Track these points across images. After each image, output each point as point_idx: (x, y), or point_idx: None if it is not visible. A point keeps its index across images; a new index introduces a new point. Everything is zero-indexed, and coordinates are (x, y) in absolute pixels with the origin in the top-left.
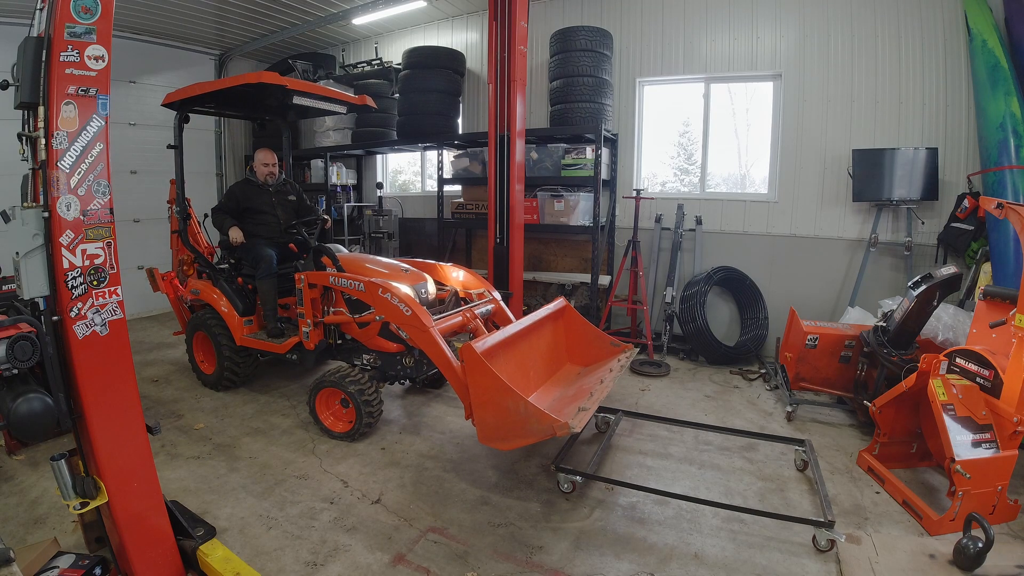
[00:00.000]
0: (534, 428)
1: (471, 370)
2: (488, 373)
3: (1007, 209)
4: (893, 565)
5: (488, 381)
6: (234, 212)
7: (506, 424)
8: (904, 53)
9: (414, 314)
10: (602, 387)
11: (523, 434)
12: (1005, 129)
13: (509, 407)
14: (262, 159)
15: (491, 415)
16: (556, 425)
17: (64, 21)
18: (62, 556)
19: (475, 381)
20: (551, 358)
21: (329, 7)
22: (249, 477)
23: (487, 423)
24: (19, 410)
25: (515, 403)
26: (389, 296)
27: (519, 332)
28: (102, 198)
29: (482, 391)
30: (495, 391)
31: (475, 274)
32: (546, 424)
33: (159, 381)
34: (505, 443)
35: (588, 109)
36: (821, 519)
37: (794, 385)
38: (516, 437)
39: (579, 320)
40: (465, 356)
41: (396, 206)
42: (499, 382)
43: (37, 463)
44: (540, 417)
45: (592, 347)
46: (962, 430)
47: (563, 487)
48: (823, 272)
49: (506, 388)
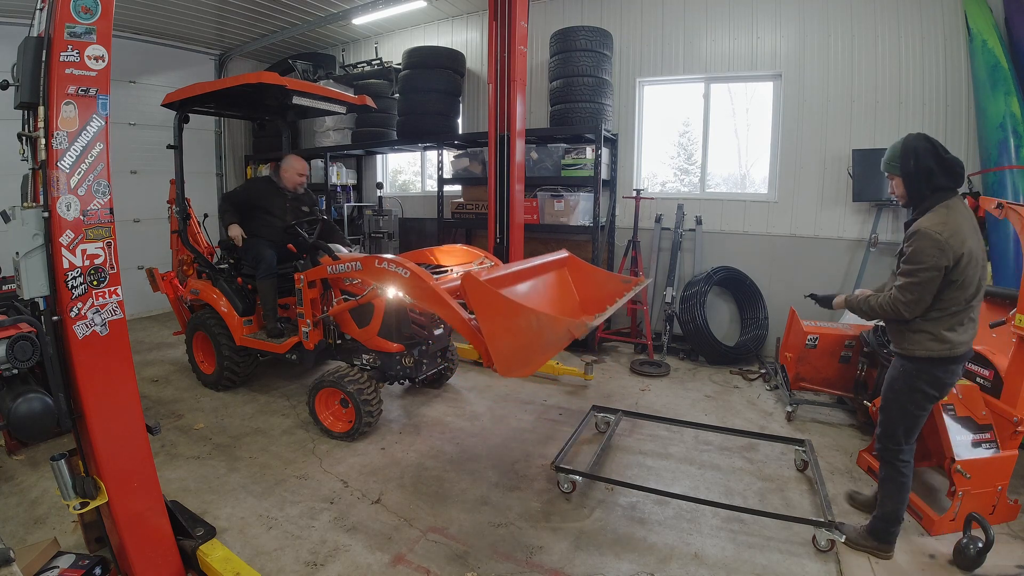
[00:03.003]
0: (550, 339)
1: (477, 301)
2: (494, 296)
3: (1007, 209)
4: (893, 565)
5: (496, 305)
6: (242, 206)
7: (523, 346)
8: (904, 53)
9: (413, 274)
10: (613, 306)
11: (542, 349)
12: (1005, 129)
13: (522, 326)
14: (297, 168)
15: (506, 342)
16: (572, 326)
17: (64, 21)
18: (62, 556)
19: (483, 312)
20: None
21: (329, 7)
22: (249, 477)
23: (504, 353)
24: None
25: (526, 319)
26: (386, 265)
27: (523, 270)
28: (102, 198)
29: (492, 319)
30: (505, 314)
31: (471, 247)
32: (562, 329)
33: (159, 381)
34: (527, 366)
35: (588, 109)
36: (821, 519)
37: (794, 385)
38: (536, 355)
39: (585, 267)
40: (468, 286)
41: (396, 206)
42: (507, 302)
43: (37, 463)
44: (554, 324)
45: (604, 289)
46: (962, 430)
47: (563, 487)
48: (823, 272)
49: (515, 305)
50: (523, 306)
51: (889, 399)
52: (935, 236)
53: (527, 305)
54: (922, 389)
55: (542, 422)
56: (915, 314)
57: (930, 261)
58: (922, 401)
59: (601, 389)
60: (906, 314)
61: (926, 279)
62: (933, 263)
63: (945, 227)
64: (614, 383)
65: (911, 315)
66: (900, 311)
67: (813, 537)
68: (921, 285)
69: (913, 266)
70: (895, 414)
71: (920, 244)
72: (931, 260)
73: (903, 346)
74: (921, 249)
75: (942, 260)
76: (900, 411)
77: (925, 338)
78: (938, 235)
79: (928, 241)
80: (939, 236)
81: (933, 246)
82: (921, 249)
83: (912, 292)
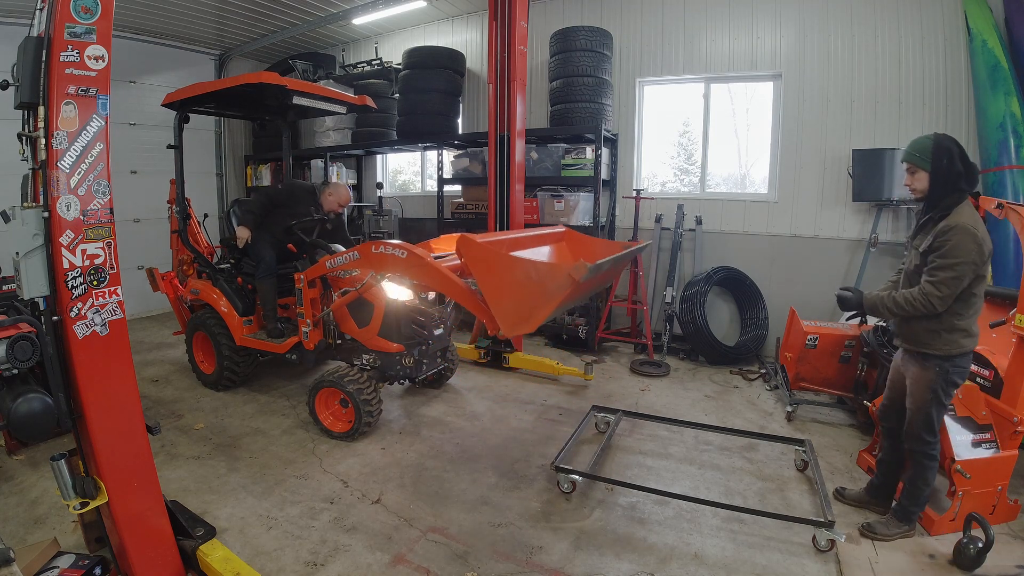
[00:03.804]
0: (551, 287)
1: (475, 261)
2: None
3: (1007, 209)
4: (893, 565)
5: (494, 262)
6: (269, 209)
7: (524, 299)
8: (904, 53)
9: (411, 253)
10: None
11: (544, 300)
12: (1005, 129)
13: (521, 279)
14: (341, 199)
15: (508, 300)
16: (571, 269)
17: (64, 21)
18: (62, 556)
19: (481, 271)
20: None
21: (329, 7)
22: (249, 477)
23: (507, 311)
24: (19, 410)
25: (524, 271)
26: (384, 248)
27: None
28: (102, 198)
29: (491, 278)
30: (503, 270)
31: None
32: (561, 275)
33: (159, 381)
34: (531, 320)
35: (588, 109)
36: (821, 519)
37: (794, 385)
38: (538, 307)
39: (584, 238)
40: (464, 246)
41: (396, 206)
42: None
43: (37, 463)
44: (553, 271)
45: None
46: (962, 430)
47: (563, 487)
48: (823, 272)
49: (511, 259)
50: (520, 258)
51: (927, 399)
52: (974, 232)
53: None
54: (955, 382)
55: (542, 422)
56: (944, 308)
57: (969, 256)
58: (952, 393)
59: (601, 389)
60: (939, 308)
61: (963, 274)
62: (972, 258)
63: (979, 224)
64: (614, 383)
65: (942, 309)
66: (933, 305)
67: (813, 537)
68: (958, 280)
69: (952, 260)
70: (933, 412)
71: (959, 239)
72: (970, 255)
73: (935, 346)
74: (960, 244)
75: (980, 256)
76: (938, 408)
77: (960, 336)
78: (976, 231)
79: (968, 236)
80: (977, 232)
81: (973, 241)
82: (960, 244)
83: (949, 286)
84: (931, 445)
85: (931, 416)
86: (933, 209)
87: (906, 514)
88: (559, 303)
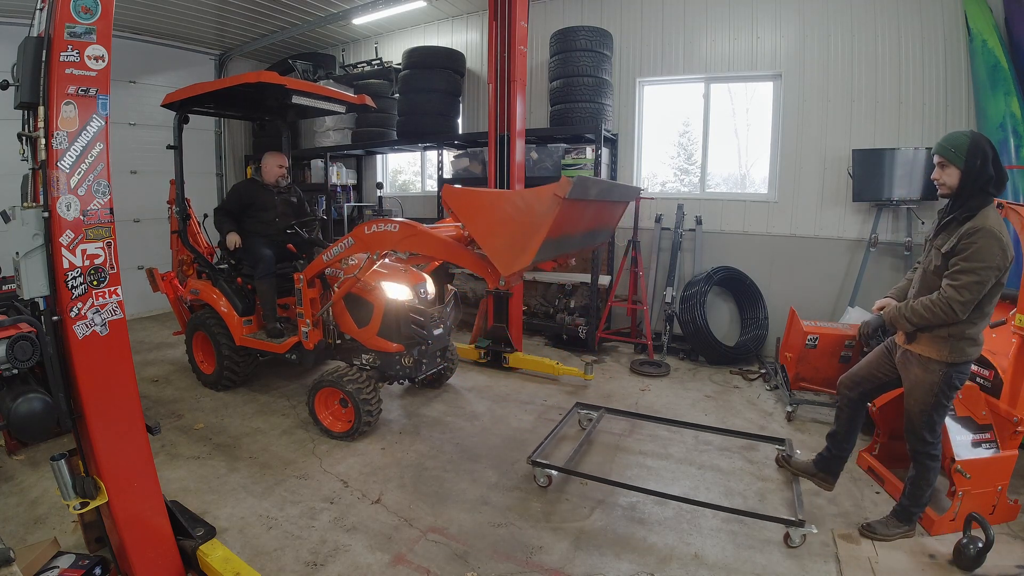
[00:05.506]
0: (540, 210)
1: (461, 206)
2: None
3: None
4: (893, 565)
5: (478, 202)
6: (236, 212)
7: (515, 230)
8: (904, 53)
9: (402, 225)
10: None
11: (534, 228)
12: (1005, 129)
13: (508, 211)
14: (276, 162)
15: (499, 236)
16: (556, 187)
17: (64, 21)
18: (62, 556)
19: (469, 214)
20: None
21: (329, 7)
22: (249, 477)
23: (500, 247)
24: (19, 410)
25: (510, 201)
26: (377, 227)
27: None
28: (102, 198)
29: (479, 218)
30: (489, 208)
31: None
32: (547, 196)
33: (159, 381)
34: (525, 252)
35: (588, 109)
36: (793, 518)
37: (794, 385)
38: (530, 236)
39: None
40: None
41: (396, 206)
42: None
43: (37, 463)
44: (539, 195)
45: None
46: (962, 430)
47: (539, 481)
48: (823, 272)
49: (495, 194)
50: (503, 192)
51: (929, 403)
52: (1000, 236)
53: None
54: (956, 386)
55: (542, 422)
56: (966, 315)
57: (995, 261)
58: (953, 396)
59: (601, 389)
60: (960, 315)
61: (986, 279)
62: (997, 263)
63: (1004, 230)
64: (614, 383)
65: (964, 315)
66: (955, 312)
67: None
68: (981, 284)
69: (976, 264)
70: (934, 414)
71: (986, 243)
72: (996, 260)
73: (943, 354)
74: (986, 248)
75: (1004, 261)
76: (939, 410)
77: (967, 344)
78: (1002, 236)
79: (995, 240)
80: (1003, 237)
81: (998, 246)
82: (986, 248)
83: (971, 291)
84: (933, 446)
85: (933, 418)
86: (958, 209)
87: (907, 514)
88: (549, 228)
